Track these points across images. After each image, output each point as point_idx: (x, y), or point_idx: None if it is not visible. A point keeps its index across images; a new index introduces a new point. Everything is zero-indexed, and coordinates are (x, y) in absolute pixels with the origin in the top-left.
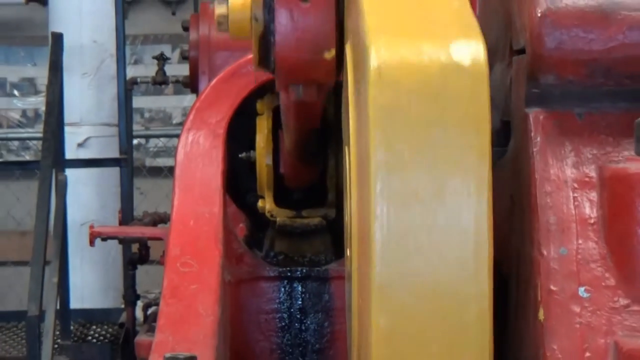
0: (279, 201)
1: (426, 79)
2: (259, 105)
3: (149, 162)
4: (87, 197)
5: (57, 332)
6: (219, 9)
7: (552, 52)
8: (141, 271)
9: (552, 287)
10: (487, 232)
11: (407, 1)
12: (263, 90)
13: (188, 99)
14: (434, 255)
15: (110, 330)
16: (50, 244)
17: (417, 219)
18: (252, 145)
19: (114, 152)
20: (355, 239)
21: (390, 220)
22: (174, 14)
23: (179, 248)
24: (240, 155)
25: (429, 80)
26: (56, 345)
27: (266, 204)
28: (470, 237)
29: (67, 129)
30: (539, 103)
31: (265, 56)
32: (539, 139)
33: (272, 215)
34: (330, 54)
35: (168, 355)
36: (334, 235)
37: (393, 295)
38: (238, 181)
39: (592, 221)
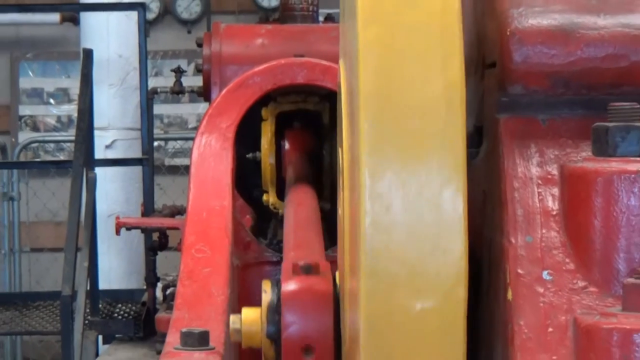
0: (281, 195)
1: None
2: (264, 112)
3: (168, 161)
4: (113, 192)
5: (88, 310)
6: (233, 317)
7: (519, 65)
8: (161, 257)
9: (519, 271)
10: (463, 221)
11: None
12: (267, 99)
13: (202, 107)
14: (418, 239)
15: (133, 308)
16: (82, 233)
17: (402, 209)
18: (257, 147)
19: (137, 153)
20: (347, 228)
21: (377, 211)
22: (189, 32)
23: (194, 236)
24: (247, 156)
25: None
26: (86, 321)
27: (270, 197)
28: (449, 226)
29: (96, 132)
30: (508, 110)
31: None
32: (508, 141)
33: (275, 208)
34: None
35: (184, 330)
36: (329, 225)
37: (380, 275)
38: (245, 178)
39: (554, 213)
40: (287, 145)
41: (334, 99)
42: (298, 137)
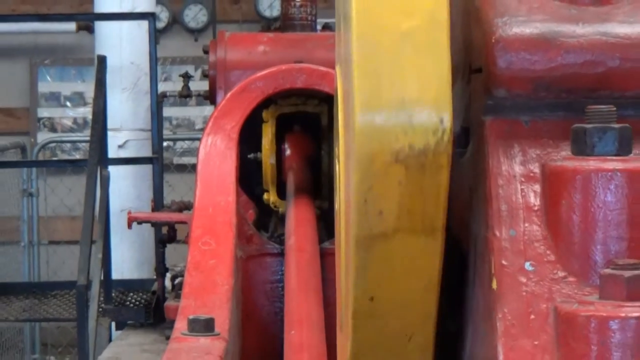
0: (281, 194)
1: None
2: (265, 114)
3: (176, 160)
4: (125, 189)
5: (101, 298)
6: None
7: (503, 71)
8: (170, 249)
9: (504, 262)
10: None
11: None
12: (268, 102)
13: (208, 109)
14: (400, 223)
15: (144, 296)
16: (96, 227)
17: (388, 200)
18: (259, 148)
19: (147, 152)
20: (343, 222)
21: (367, 203)
22: (196, 40)
23: (200, 230)
24: (248, 156)
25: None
26: (100, 309)
27: (270, 196)
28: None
29: (109, 133)
30: (493, 112)
31: None
32: (493, 141)
33: (275, 206)
34: None
35: (191, 317)
36: (326, 222)
37: (368, 253)
38: (248, 176)
39: (536, 208)
40: (287, 151)
41: (332, 101)
42: (298, 140)
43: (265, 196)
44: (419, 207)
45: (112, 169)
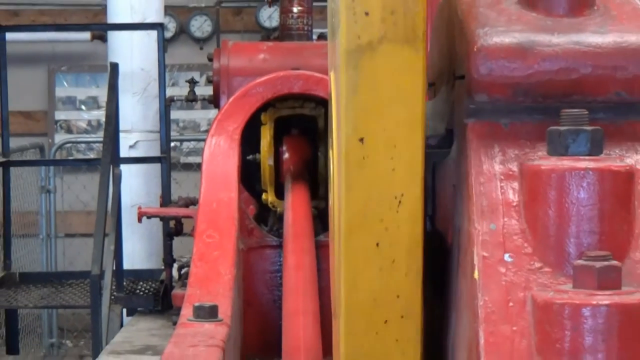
0: (279, 194)
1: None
2: (263, 117)
3: (183, 159)
4: (136, 185)
5: (114, 287)
6: None
7: (484, 77)
8: (176, 241)
9: (484, 254)
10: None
11: None
12: (267, 105)
13: (212, 113)
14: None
15: (153, 285)
16: (109, 221)
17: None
18: (258, 149)
19: (156, 152)
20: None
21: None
22: (201, 48)
23: (205, 224)
24: (247, 157)
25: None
26: (112, 297)
27: (269, 197)
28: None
29: (121, 134)
30: (475, 115)
31: None
32: (475, 142)
33: (273, 206)
34: None
35: (196, 304)
36: (322, 218)
37: (356, 70)
38: (249, 174)
39: (514, 204)
40: (285, 153)
41: (327, 105)
42: (295, 142)
43: (263, 196)
44: (401, 4)
45: (123, 167)
